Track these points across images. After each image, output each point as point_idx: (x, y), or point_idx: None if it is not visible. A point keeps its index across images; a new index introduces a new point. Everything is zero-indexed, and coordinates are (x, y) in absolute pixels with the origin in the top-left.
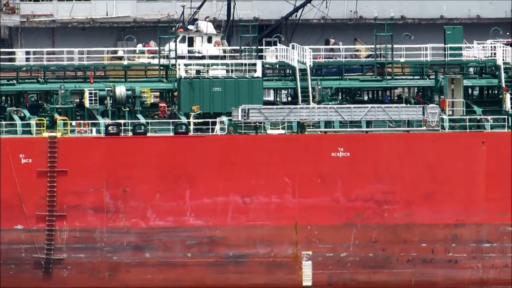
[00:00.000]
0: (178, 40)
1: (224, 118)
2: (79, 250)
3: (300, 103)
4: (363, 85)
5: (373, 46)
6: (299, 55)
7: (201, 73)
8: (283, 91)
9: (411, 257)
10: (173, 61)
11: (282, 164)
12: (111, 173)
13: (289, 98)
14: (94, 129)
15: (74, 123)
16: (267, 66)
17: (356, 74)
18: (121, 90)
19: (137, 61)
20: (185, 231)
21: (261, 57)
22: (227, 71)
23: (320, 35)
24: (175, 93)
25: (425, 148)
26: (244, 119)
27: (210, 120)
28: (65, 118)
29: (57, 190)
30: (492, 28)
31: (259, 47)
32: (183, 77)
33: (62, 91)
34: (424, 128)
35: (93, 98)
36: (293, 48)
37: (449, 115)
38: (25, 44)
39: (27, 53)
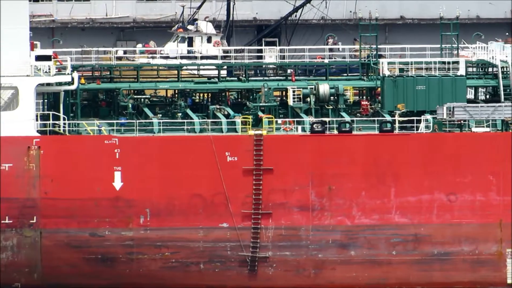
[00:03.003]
0: (177, 40)
1: (429, 116)
2: (284, 248)
3: (502, 101)
4: None
5: (372, 46)
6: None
7: (404, 72)
8: (480, 89)
9: None
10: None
11: (486, 162)
12: (317, 171)
13: (487, 96)
14: (299, 127)
15: (279, 121)
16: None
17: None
18: (324, 88)
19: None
20: (390, 229)
21: (260, 58)
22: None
23: (319, 35)
24: (378, 91)
25: None
26: (449, 117)
27: (415, 118)
28: (271, 116)
29: (262, 188)
30: (493, 29)
31: (258, 47)
32: (387, 76)
33: (265, 89)
34: None
35: (296, 96)
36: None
37: None
38: None
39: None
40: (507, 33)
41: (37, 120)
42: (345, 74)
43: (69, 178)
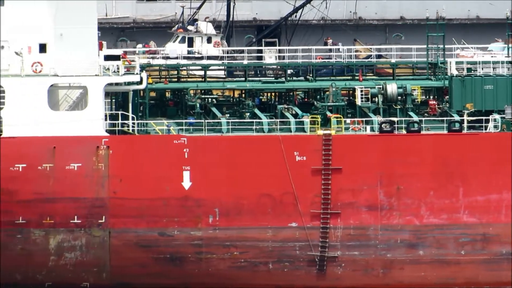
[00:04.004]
0: (177, 40)
1: (497, 116)
2: (353, 247)
3: None
4: None
5: (372, 46)
6: None
7: (472, 71)
8: None
9: None
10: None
11: None
12: (385, 170)
13: None
14: (367, 127)
15: (348, 120)
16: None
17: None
18: (392, 88)
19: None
20: (458, 229)
21: (260, 58)
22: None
23: (319, 36)
24: (445, 91)
25: None
26: None
27: (483, 117)
28: (339, 115)
29: (331, 188)
30: (492, 29)
31: (258, 48)
32: (455, 75)
33: (333, 89)
34: None
35: (363, 95)
36: None
37: None
38: None
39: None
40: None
41: (105, 119)
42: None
43: (137, 177)
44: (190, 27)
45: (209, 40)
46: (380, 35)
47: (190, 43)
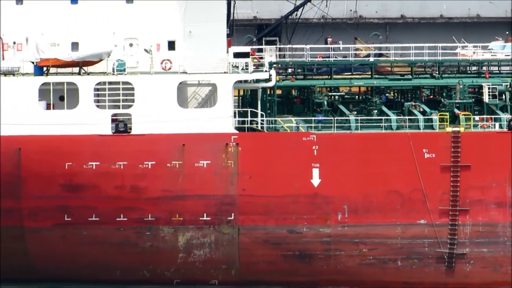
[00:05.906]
0: None
1: None
2: (481, 244)
3: None
4: None
5: (373, 45)
6: None
7: None
8: None
9: None
10: None
11: None
12: None
13: None
14: (496, 124)
15: (477, 118)
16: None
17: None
18: None
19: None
20: None
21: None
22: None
23: (320, 35)
24: None
25: None
26: None
27: None
28: (468, 113)
29: (460, 185)
30: (493, 28)
31: (259, 47)
32: None
33: (461, 86)
34: None
35: (491, 93)
36: None
37: None
38: None
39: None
40: (507, 32)
41: (234, 117)
42: (349, 73)
43: (267, 174)
44: None
45: None
46: (380, 33)
47: None
